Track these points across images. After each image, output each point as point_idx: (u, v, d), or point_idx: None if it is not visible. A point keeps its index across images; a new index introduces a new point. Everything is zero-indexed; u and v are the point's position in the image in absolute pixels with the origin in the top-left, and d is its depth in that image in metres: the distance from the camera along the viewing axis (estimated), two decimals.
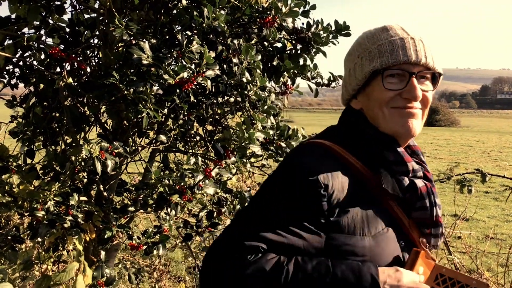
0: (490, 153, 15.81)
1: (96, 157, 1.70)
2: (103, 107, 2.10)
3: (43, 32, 2.09)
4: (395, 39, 1.07)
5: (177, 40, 1.79)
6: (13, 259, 1.99)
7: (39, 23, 2.06)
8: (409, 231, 1.09)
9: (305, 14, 2.20)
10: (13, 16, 2.02)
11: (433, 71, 1.09)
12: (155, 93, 1.74)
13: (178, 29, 2.00)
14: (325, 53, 2.34)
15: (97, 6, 2.17)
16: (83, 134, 2.20)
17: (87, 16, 2.20)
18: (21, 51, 2.06)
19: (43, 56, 2.10)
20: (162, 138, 2.09)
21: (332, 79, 2.47)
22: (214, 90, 1.98)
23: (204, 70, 1.76)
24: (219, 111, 2.27)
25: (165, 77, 1.72)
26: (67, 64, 1.92)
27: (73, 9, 2.19)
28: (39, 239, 2.06)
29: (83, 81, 1.98)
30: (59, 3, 2.04)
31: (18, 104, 2.25)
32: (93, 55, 2.27)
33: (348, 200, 1.02)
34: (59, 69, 2.04)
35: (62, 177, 1.92)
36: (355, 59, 1.13)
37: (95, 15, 2.15)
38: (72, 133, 2.03)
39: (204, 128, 2.34)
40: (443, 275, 1.08)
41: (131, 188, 2.23)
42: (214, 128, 2.36)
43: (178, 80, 1.71)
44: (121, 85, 1.67)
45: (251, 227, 1.00)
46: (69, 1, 2.12)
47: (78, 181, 2.00)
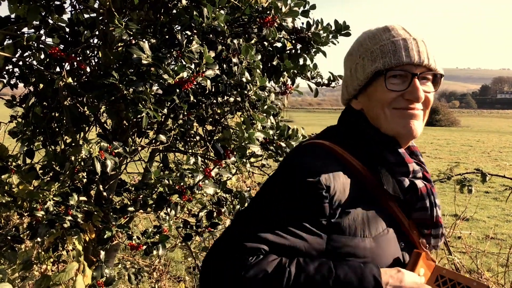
0: (490, 153, 15.81)
1: (95, 157, 1.70)
2: (103, 107, 2.10)
3: (42, 32, 2.09)
4: (397, 40, 1.07)
5: (177, 40, 1.79)
6: (13, 259, 1.99)
7: (38, 23, 2.05)
8: (409, 232, 1.09)
9: (305, 14, 2.20)
10: (13, 16, 2.02)
11: (434, 72, 1.09)
12: (154, 93, 1.73)
13: (177, 29, 2.00)
14: (325, 53, 2.34)
15: (96, 6, 2.17)
16: (82, 134, 2.20)
17: (86, 16, 2.20)
18: (21, 51, 2.06)
19: (43, 56, 2.10)
20: (161, 138, 2.09)
21: (332, 79, 2.46)
22: (213, 90, 1.97)
23: (203, 70, 1.75)
24: (219, 111, 2.27)
25: (165, 77, 1.71)
26: (67, 64, 1.92)
27: (72, 9, 2.19)
28: (39, 239, 2.06)
29: (83, 81, 1.98)
30: (58, 3, 2.04)
31: (17, 104, 2.25)
32: (93, 55, 2.26)
33: (349, 201, 1.02)
34: (58, 69, 2.04)
35: (61, 177, 1.91)
36: (357, 59, 1.12)
37: (94, 15, 2.15)
38: (71, 133, 2.03)
39: (204, 128, 2.34)
40: (443, 276, 1.08)
41: (130, 188, 2.23)
42: (213, 128, 2.36)
43: (177, 80, 1.71)
44: (120, 85, 1.67)
45: (252, 229, 0.99)
46: (68, 1, 2.12)
47: (77, 181, 2.00)
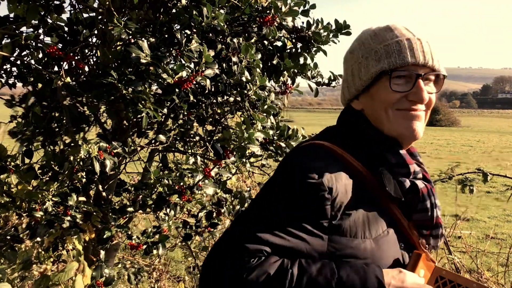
0: (491, 153, 15.80)
1: (94, 157, 1.69)
2: (103, 106, 2.09)
3: (41, 31, 2.08)
4: (402, 40, 1.06)
5: (176, 39, 1.78)
6: (12, 259, 1.98)
7: (37, 22, 2.05)
8: (409, 233, 1.08)
9: (305, 13, 2.19)
10: (12, 15, 2.02)
11: (438, 73, 1.08)
12: (154, 93, 1.73)
13: (177, 28, 1.99)
14: (325, 52, 2.33)
15: (96, 5, 2.16)
16: (82, 134, 2.19)
17: (85, 15, 2.19)
18: (19, 50, 2.05)
19: (41, 55, 2.09)
20: (161, 138, 2.09)
21: (332, 78, 2.46)
22: (213, 89, 1.97)
23: (203, 69, 1.75)
24: (219, 110, 2.26)
25: (164, 76, 1.70)
26: (65, 63, 1.91)
27: (72, 8, 2.18)
28: (38, 239, 2.05)
29: (82, 80, 1.97)
30: (58, 2, 2.03)
31: (17, 103, 2.24)
32: (92, 54, 2.26)
33: (350, 203, 1.01)
34: (57, 68, 2.04)
35: (60, 177, 1.91)
36: (359, 59, 1.11)
37: (94, 14, 2.14)
38: (71, 133, 2.02)
39: (203, 128, 2.33)
40: (443, 277, 1.07)
41: (130, 188, 2.22)
42: (213, 128, 2.35)
43: (177, 79, 1.70)
44: (119, 85, 1.66)
45: (253, 230, 0.98)
46: (68, 0, 2.11)
47: (76, 181, 1.99)
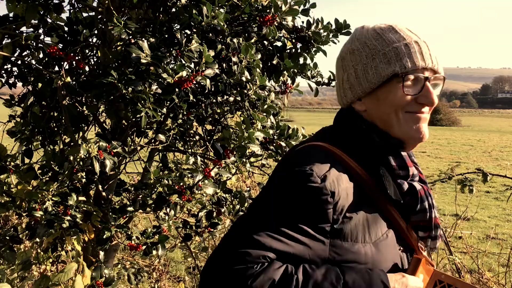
0: (491, 153, 15.79)
1: (94, 157, 1.69)
2: (102, 106, 2.09)
3: (41, 31, 2.09)
4: (410, 42, 1.05)
5: (176, 39, 1.78)
6: (12, 260, 1.98)
7: (37, 22, 2.05)
8: (408, 235, 1.08)
9: (305, 12, 2.19)
10: (11, 14, 2.01)
11: (442, 75, 1.09)
12: (154, 92, 1.72)
13: (177, 27, 1.99)
14: (325, 52, 2.33)
15: (95, 4, 2.16)
16: (81, 133, 2.19)
17: (85, 14, 2.19)
18: (19, 50, 2.05)
19: (42, 55, 2.09)
20: (161, 137, 2.08)
21: (332, 78, 2.45)
22: (213, 89, 1.96)
23: (203, 69, 1.74)
24: (219, 110, 2.26)
25: (164, 76, 1.70)
26: (66, 63, 1.91)
27: (71, 8, 2.18)
28: (38, 239, 2.05)
29: (82, 80, 1.97)
30: (57, 2, 2.03)
31: (16, 103, 2.24)
32: (92, 54, 2.26)
33: (351, 206, 1.00)
34: (57, 68, 2.03)
35: (60, 177, 1.90)
36: (364, 59, 1.08)
37: (93, 13, 2.14)
38: (70, 132, 2.02)
39: (203, 127, 2.33)
40: (442, 281, 1.07)
41: (130, 188, 2.22)
42: (213, 127, 2.35)
43: (177, 79, 1.70)
44: (119, 84, 1.66)
45: (255, 235, 0.95)
46: (67, 0, 2.11)
47: (76, 181, 1.99)
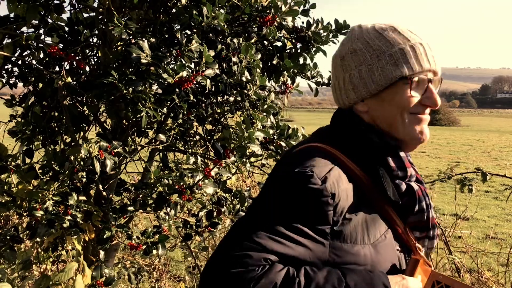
0: (490, 153, 15.80)
1: (95, 157, 1.70)
2: (102, 106, 2.09)
3: (42, 31, 2.09)
4: (415, 44, 1.06)
5: (177, 39, 1.78)
6: (12, 259, 1.99)
7: (38, 22, 2.05)
8: (405, 236, 1.08)
9: (305, 13, 2.19)
10: (12, 15, 2.02)
11: (440, 77, 1.10)
12: (154, 92, 1.73)
13: (177, 28, 1.99)
14: (325, 52, 2.34)
15: (96, 5, 2.16)
16: (82, 133, 2.19)
17: (86, 15, 2.19)
18: (20, 50, 2.05)
19: (42, 55, 2.10)
20: (161, 137, 2.09)
21: None
22: (213, 89, 1.97)
23: (203, 69, 1.75)
24: (219, 110, 2.26)
25: (165, 76, 1.71)
26: (66, 63, 1.91)
27: (72, 8, 2.19)
28: (38, 239, 2.05)
29: (82, 80, 1.98)
30: (58, 2, 2.03)
31: (17, 103, 2.25)
32: (92, 54, 2.26)
33: (351, 208, 1.00)
34: (58, 68, 2.04)
35: (61, 177, 1.91)
36: (368, 60, 1.07)
37: (94, 14, 2.14)
38: (71, 132, 2.02)
39: (203, 127, 2.33)
40: (439, 282, 1.08)
41: (130, 187, 2.23)
42: (213, 127, 2.35)
43: (177, 79, 1.71)
44: (120, 84, 1.67)
45: (256, 237, 0.94)
46: (68, 0, 2.12)
47: (77, 181, 1.99)
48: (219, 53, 1.93)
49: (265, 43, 2.25)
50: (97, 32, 2.13)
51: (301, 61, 2.36)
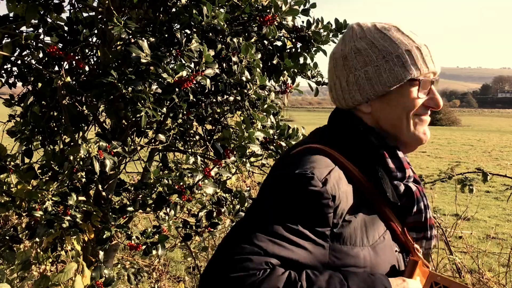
0: (491, 152, 15.80)
1: (94, 157, 1.69)
2: (102, 106, 2.09)
3: (41, 30, 2.08)
4: (421, 45, 1.06)
5: (176, 38, 1.78)
6: (11, 260, 1.98)
7: (37, 21, 2.04)
8: (403, 237, 1.07)
9: (305, 12, 2.19)
10: (11, 14, 2.01)
11: (437, 77, 1.11)
12: (154, 92, 1.72)
13: (177, 27, 1.99)
14: (325, 52, 2.33)
15: (95, 4, 2.16)
16: (81, 133, 2.19)
17: (85, 14, 2.19)
18: (19, 50, 2.05)
19: (41, 54, 2.09)
20: (161, 137, 2.08)
21: None
22: (213, 89, 1.96)
23: (203, 68, 1.74)
24: (219, 110, 2.26)
25: (164, 76, 1.70)
26: (66, 62, 1.91)
27: (71, 8, 2.18)
28: (37, 239, 2.04)
29: (82, 80, 1.97)
30: (57, 2, 2.03)
31: (16, 103, 2.24)
32: (92, 53, 2.26)
33: (350, 209, 0.99)
34: (57, 68, 2.04)
35: (60, 177, 1.90)
36: (374, 61, 1.06)
37: (93, 13, 2.14)
38: (70, 132, 2.02)
39: (203, 127, 2.33)
40: (437, 283, 1.07)
41: (130, 187, 2.22)
42: (213, 127, 2.35)
43: (177, 79, 1.70)
44: (119, 84, 1.66)
45: (256, 241, 0.92)
46: (67, 0, 2.11)
47: (76, 181, 1.99)
48: (219, 53, 1.93)
49: (265, 42, 2.25)
50: (96, 31, 2.12)
51: (301, 60, 2.35)
